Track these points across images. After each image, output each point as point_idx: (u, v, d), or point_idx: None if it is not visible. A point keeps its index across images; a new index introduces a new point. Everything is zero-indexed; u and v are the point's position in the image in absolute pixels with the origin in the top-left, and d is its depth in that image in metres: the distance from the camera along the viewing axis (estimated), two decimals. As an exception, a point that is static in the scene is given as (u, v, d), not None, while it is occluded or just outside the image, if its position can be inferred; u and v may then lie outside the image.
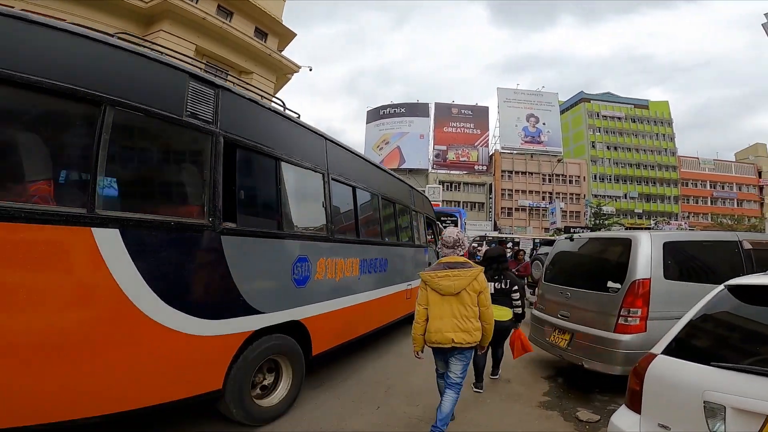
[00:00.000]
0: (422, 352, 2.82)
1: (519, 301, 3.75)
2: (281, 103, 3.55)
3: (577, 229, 23.25)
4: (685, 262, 3.62)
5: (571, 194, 42.41)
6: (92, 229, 1.94)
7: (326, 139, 3.89)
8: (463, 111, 44.20)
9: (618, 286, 3.46)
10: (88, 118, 2.02)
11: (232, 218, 2.69)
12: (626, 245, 3.58)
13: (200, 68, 3.04)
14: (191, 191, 2.55)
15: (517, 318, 3.78)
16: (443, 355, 2.75)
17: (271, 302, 2.94)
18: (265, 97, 3.40)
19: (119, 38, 2.34)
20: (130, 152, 2.30)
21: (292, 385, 3.11)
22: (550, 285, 4.43)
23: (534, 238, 18.77)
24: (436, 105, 44.18)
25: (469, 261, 2.79)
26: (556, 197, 40.22)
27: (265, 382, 3.01)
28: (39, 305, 1.81)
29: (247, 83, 3.63)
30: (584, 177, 43.11)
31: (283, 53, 19.93)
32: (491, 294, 3.46)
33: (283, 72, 20.47)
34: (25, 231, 1.76)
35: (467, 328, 2.62)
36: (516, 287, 3.77)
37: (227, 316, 2.59)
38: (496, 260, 3.85)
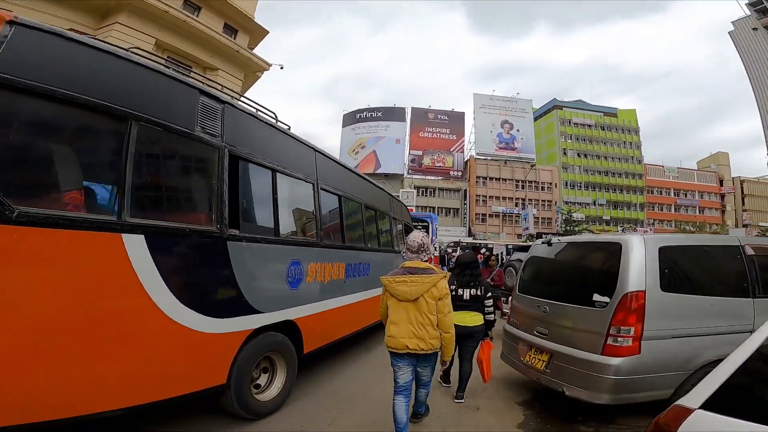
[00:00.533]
0: None
1: (491, 308, 3.88)
2: (273, 115, 3.95)
3: (549, 235, 24.72)
4: (684, 271, 3.35)
5: (543, 201, 44.78)
6: (122, 235, 2.28)
7: (316, 150, 4.35)
8: (439, 116, 45.74)
9: (606, 299, 3.13)
10: (116, 132, 2.34)
11: (236, 225, 3.09)
12: (615, 251, 3.25)
13: (161, 63, 3.11)
14: (201, 201, 2.92)
15: (488, 325, 3.88)
16: (403, 360, 2.81)
17: (269, 303, 3.34)
18: (233, 96, 3.53)
19: (133, 53, 2.66)
20: (151, 165, 2.63)
21: (286, 381, 3.50)
22: (525, 297, 4.08)
23: (507, 244, 19.85)
24: (413, 110, 45.49)
25: (432, 267, 2.84)
26: (529, 203, 42.35)
27: (262, 379, 3.39)
28: (75, 305, 2.11)
29: (212, 80, 3.86)
30: (556, 184, 45.67)
31: (254, 51, 20.00)
32: (466, 300, 3.78)
33: (252, 70, 20.53)
34: (68, 237, 2.07)
35: (422, 335, 2.69)
36: (490, 294, 3.88)
37: (231, 315, 2.97)
38: (469, 266, 3.93)
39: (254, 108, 3.70)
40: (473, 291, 3.82)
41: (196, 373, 2.76)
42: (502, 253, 17.45)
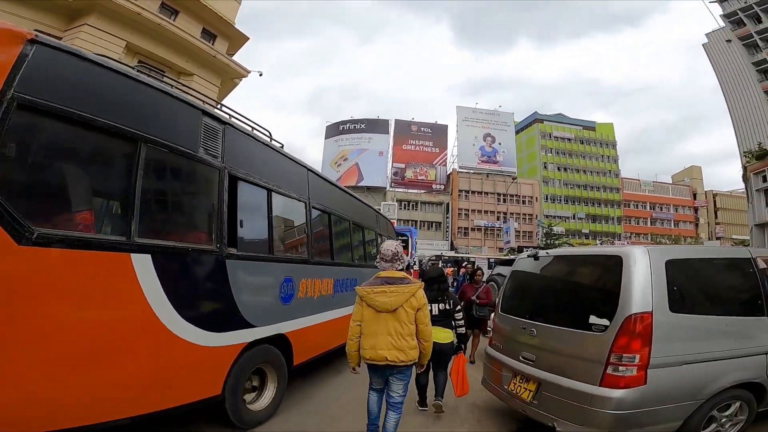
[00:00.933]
0: (359, 366, 2.94)
1: (462, 321, 3.89)
2: (268, 134, 4.19)
3: (530, 249, 25.60)
4: (694, 288, 3.11)
5: (524, 214, 46.33)
6: (131, 254, 2.47)
7: (308, 169, 4.63)
8: (422, 129, 46.92)
9: (605, 322, 2.82)
10: (126, 154, 2.51)
11: (233, 244, 3.30)
12: (614, 265, 2.95)
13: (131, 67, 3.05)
14: (202, 221, 3.14)
15: (460, 339, 3.89)
16: (379, 372, 2.88)
17: (263, 317, 3.56)
18: (208, 103, 3.66)
19: (139, 71, 2.83)
20: (157, 186, 2.83)
21: (276, 392, 3.71)
22: (509, 317, 3.79)
23: (489, 258, 20.43)
24: (396, 122, 46.50)
25: (408, 276, 2.91)
26: (510, 217, 43.66)
27: (254, 390, 3.59)
28: (86, 322, 2.27)
29: (187, 86, 3.87)
30: (536, 197, 47.35)
31: (233, 57, 20.12)
32: (435, 315, 3.70)
33: (230, 76, 20.63)
34: (81, 257, 2.24)
35: (401, 346, 2.73)
36: (459, 307, 3.91)
37: (228, 329, 3.17)
38: (436, 281, 3.97)
39: (249, 125, 3.92)
40: (442, 305, 3.86)
41: (194, 384, 2.94)
42: (480, 267, 17.89)
